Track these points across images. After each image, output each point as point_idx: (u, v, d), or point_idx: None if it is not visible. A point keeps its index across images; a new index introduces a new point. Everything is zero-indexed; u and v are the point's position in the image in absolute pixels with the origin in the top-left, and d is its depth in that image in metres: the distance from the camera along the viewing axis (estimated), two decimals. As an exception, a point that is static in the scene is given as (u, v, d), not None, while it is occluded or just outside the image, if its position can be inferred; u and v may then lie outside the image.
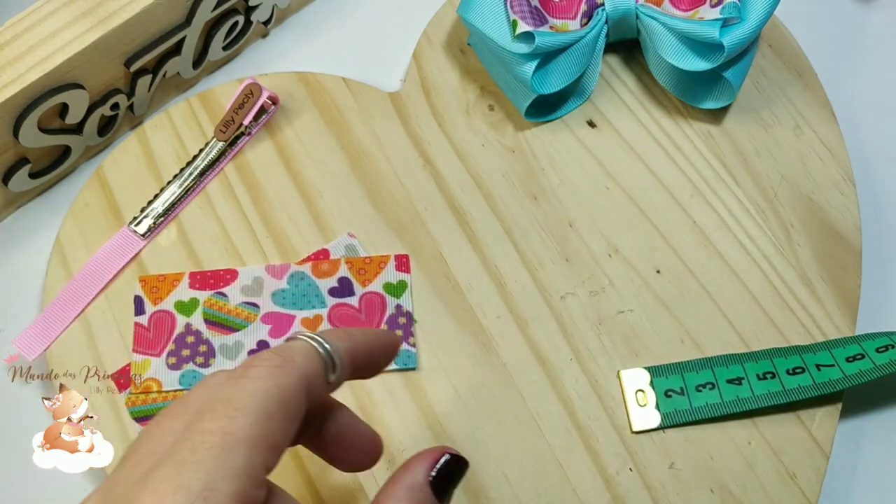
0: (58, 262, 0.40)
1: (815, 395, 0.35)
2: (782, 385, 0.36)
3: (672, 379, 0.37)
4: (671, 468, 0.36)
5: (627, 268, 0.39)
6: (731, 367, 0.37)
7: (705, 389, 0.36)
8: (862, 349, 0.36)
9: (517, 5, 0.39)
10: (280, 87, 0.43)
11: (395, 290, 0.39)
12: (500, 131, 0.43)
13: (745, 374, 0.36)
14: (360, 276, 0.39)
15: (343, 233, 0.41)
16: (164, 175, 0.42)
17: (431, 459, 0.26)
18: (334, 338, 0.26)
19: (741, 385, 0.36)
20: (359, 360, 0.26)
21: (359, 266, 0.40)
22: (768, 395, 0.36)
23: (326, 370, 0.25)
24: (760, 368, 0.36)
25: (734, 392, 0.36)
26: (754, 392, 0.36)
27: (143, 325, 0.39)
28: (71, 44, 0.38)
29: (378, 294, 0.39)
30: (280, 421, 0.23)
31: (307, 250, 0.40)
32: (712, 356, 0.37)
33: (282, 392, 0.23)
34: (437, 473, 0.26)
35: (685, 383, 0.36)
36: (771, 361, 0.36)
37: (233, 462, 0.21)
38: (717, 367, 0.37)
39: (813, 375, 0.36)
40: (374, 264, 0.40)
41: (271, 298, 0.39)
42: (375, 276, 0.39)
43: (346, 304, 0.39)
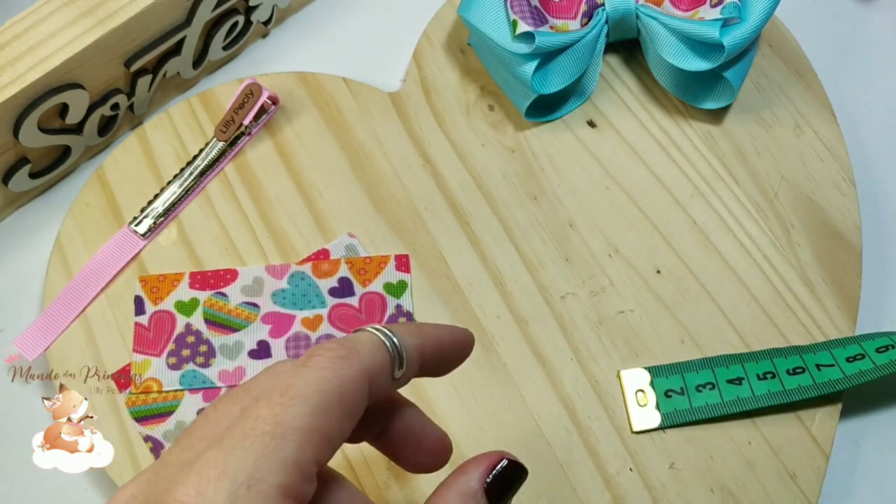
0: (58, 262, 0.40)
1: (815, 396, 0.36)
2: (782, 385, 0.36)
3: (672, 379, 0.37)
4: (671, 468, 0.36)
5: (627, 268, 0.39)
6: (731, 367, 0.37)
7: (705, 389, 0.36)
8: (862, 349, 0.36)
9: (517, 5, 0.39)
10: (280, 87, 0.43)
11: (396, 290, 0.39)
12: (500, 131, 0.43)
13: (746, 374, 0.36)
14: (360, 276, 0.39)
15: (343, 233, 0.41)
16: (164, 175, 0.42)
17: (489, 464, 0.24)
18: (404, 332, 0.24)
19: (741, 385, 0.36)
20: (429, 356, 0.25)
21: (359, 266, 0.40)
22: (768, 396, 0.36)
23: (393, 365, 0.24)
24: (760, 368, 0.36)
25: (734, 392, 0.36)
26: (754, 392, 0.36)
27: (144, 325, 0.39)
28: (71, 44, 0.38)
29: (378, 294, 0.39)
30: (338, 414, 0.22)
31: (307, 250, 0.40)
32: (712, 356, 0.37)
33: (343, 384, 0.22)
34: (492, 479, 0.24)
35: (685, 383, 0.36)
36: (771, 361, 0.36)
37: (282, 453, 0.20)
38: (718, 367, 0.37)
39: (813, 375, 0.36)
40: (374, 264, 0.40)
41: (271, 298, 0.39)
42: (376, 276, 0.39)
43: (347, 304, 0.39)
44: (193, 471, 0.20)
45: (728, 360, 0.37)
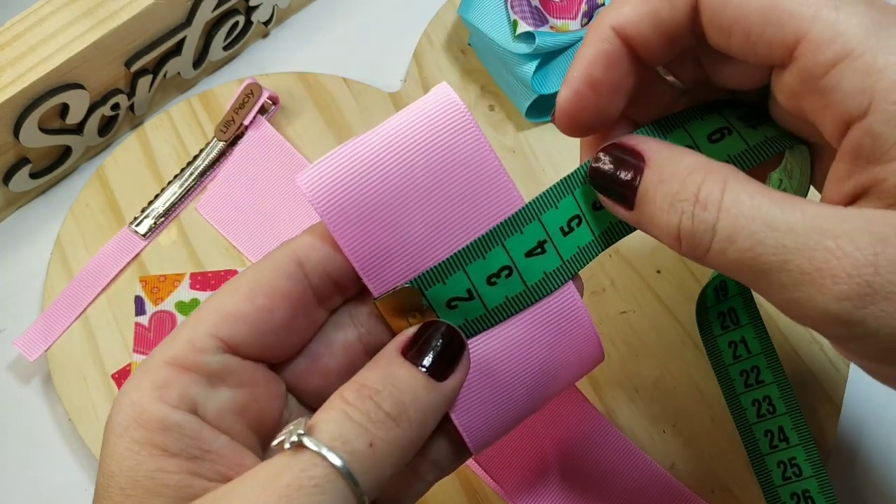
0: (58, 262, 0.40)
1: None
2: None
3: (454, 282, 0.24)
4: (671, 468, 0.36)
5: (628, 268, 0.40)
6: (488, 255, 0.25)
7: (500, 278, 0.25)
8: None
9: (518, 5, 0.39)
10: (280, 87, 0.43)
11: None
12: (500, 131, 0.43)
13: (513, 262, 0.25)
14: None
15: (343, 233, 0.41)
16: (164, 175, 0.42)
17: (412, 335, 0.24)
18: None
19: (544, 255, 0.25)
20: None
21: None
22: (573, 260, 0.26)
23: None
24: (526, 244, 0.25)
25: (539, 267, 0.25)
26: (563, 257, 0.25)
27: (144, 326, 0.39)
28: (71, 44, 0.38)
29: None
30: (244, 294, 0.24)
31: (308, 250, 0.40)
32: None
33: (262, 266, 0.24)
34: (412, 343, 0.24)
35: (471, 281, 0.24)
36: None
37: (178, 333, 0.23)
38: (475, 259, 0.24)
39: (592, 227, 0.26)
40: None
41: (272, 298, 0.39)
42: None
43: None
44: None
45: (484, 245, 0.24)
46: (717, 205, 0.22)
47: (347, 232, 0.23)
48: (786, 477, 0.34)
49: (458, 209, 0.24)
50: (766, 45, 0.22)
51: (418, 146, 0.23)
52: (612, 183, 0.24)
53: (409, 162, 0.23)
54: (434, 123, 0.23)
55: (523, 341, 0.25)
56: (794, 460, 0.34)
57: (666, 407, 0.37)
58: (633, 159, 0.24)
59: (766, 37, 0.22)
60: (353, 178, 0.23)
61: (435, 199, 0.23)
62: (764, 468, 0.34)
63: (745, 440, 0.35)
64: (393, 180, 0.23)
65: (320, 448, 0.21)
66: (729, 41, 0.23)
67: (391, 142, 0.23)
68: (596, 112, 0.25)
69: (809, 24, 0.21)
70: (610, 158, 0.24)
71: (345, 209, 0.23)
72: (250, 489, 0.20)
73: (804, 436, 0.33)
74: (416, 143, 0.23)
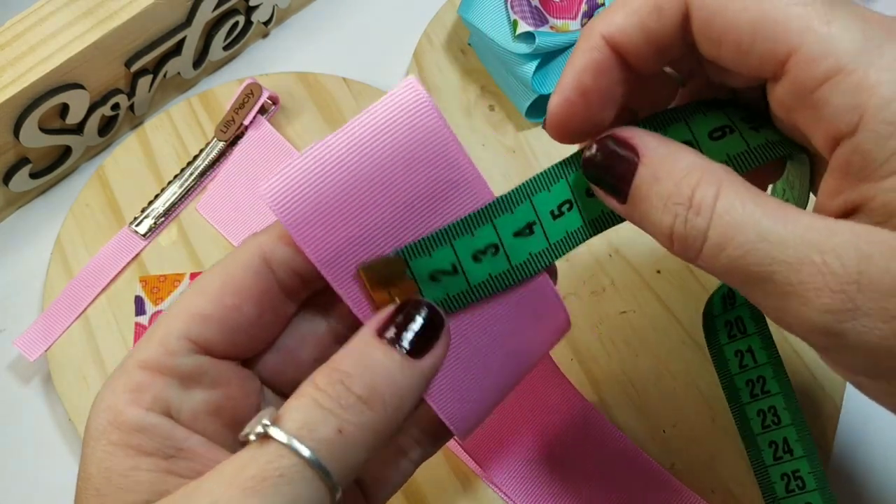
0: (58, 262, 0.40)
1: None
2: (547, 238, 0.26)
3: (439, 255, 0.24)
4: (671, 468, 0.36)
5: (628, 268, 0.40)
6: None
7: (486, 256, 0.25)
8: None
9: (518, 5, 0.39)
10: (280, 87, 0.43)
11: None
12: (500, 131, 0.43)
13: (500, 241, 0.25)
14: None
15: (343, 233, 0.41)
16: (164, 175, 0.42)
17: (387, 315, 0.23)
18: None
19: (532, 236, 0.25)
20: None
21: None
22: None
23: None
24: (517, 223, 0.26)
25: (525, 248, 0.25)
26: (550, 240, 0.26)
27: (144, 326, 0.39)
28: (71, 44, 0.38)
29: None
30: (214, 294, 0.23)
31: (308, 250, 0.40)
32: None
33: (227, 265, 0.24)
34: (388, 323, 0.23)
35: (457, 256, 0.24)
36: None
37: (151, 334, 0.23)
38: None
39: (583, 214, 0.26)
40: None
41: (272, 298, 0.39)
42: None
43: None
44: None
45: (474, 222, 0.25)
46: (710, 210, 0.22)
47: (309, 235, 0.23)
48: (789, 490, 0.34)
49: (423, 191, 0.24)
50: (757, 58, 0.22)
51: (378, 134, 0.23)
52: (604, 174, 0.24)
53: (370, 150, 0.23)
54: (393, 110, 0.23)
55: (492, 316, 0.25)
56: (798, 472, 0.34)
57: (666, 407, 0.37)
58: (627, 153, 0.24)
59: (757, 49, 0.22)
60: (314, 179, 0.23)
61: (399, 182, 0.23)
62: (767, 479, 0.34)
63: (749, 450, 0.35)
64: (354, 171, 0.23)
65: (285, 437, 0.20)
66: (720, 52, 0.23)
67: (351, 135, 0.23)
68: (586, 119, 0.25)
69: (801, 38, 0.21)
70: (603, 150, 0.24)
71: (304, 214, 0.23)
72: (216, 484, 0.20)
73: (808, 448, 0.33)
74: (375, 132, 0.23)
